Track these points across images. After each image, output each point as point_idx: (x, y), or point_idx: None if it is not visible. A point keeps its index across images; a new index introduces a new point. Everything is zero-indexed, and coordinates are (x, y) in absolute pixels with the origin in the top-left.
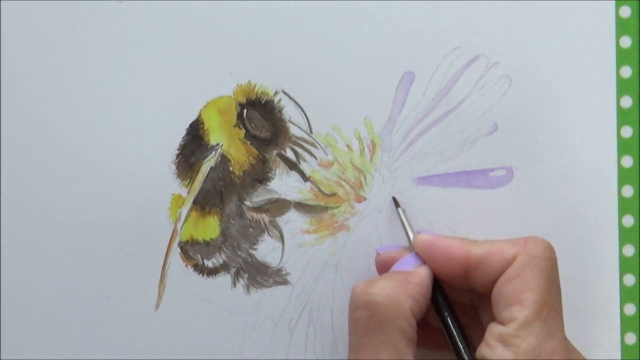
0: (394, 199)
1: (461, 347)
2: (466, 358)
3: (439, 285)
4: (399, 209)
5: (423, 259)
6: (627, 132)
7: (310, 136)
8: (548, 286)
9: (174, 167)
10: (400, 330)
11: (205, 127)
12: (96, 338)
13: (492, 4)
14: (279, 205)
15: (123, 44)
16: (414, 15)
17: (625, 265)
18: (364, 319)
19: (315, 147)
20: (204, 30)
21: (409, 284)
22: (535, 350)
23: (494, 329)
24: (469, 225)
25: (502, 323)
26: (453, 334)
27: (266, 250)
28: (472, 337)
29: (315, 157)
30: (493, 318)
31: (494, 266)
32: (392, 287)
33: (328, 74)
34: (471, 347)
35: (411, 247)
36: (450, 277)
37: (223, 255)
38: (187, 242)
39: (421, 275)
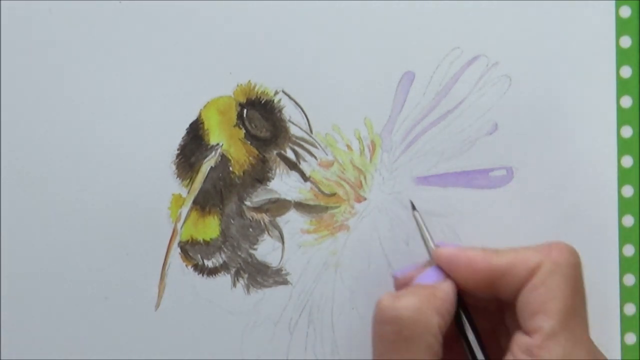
0: (411, 203)
1: None
2: None
3: (460, 300)
4: (416, 214)
5: (446, 273)
6: (627, 132)
7: (310, 136)
8: (573, 294)
9: (174, 167)
10: (428, 346)
11: (205, 127)
12: (96, 338)
13: (492, 4)
14: (279, 205)
15: (123, 44)
16: (414, 15)
17: (625, 265)
18: (391, 333)
19: (315, 147)
20: (204, 30)
21: (435, 298)
22: None
23: (520, 340)
24: (469, 225)
25: (527, 333)
26: (474, 351)
27: (266, 250)
28: (499, 341)
29: (315, 157)
30: (518, 326)
31: (519, 276)
32: (419, 302)
33: (328, 74)
34: (497, 351)
35: (432, 260)
36: (474, 289)
37: (223, 255)
38: (187, 242)
39: (446, 289)
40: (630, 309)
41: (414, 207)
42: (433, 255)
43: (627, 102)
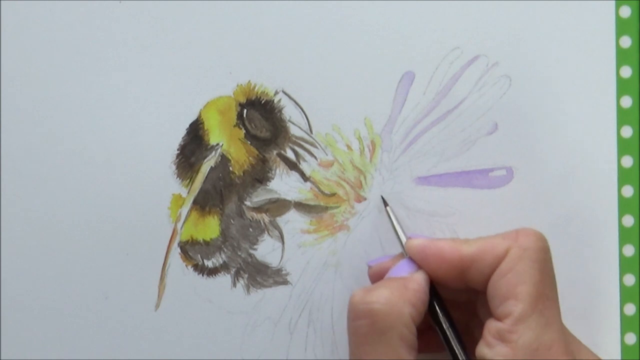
0: (383, 199)
1: (458, 354)
2: None
3: (433, 290)
4: (388, 209)
5: (417, 264)
6: (627, 132)
7: (310, 136)
8: (542, 277)
9: (174, 167)
10: (401, 338)
11: (205, 127)
12: (96, 338)
13: (492, 4)
14: (279, 205)
15: (123, 44)
16: (414, 15)
17: (625, 265)
18: (364, 327)
19: (315, 147)
20: (204, 30)
21: (407, 290)
22: (533, 344)
23: (491, 326)
24: (469, 225)
25: (498, 319)
26: (449, 338)
27: (266, 250)
28: (473, 333)
29: (315, 157)
30: (490, 314)
31: (487, 263)
32: (390, 294)
33: (328, 74)
34: (471, 344)
35: (404, 252)
36: (445, 278)
37: (223, 255)
38: (187, 242)
39: (418, 280)
40: (630, 309)
41: (385, 204)
42: (405, 246)
43: (627, 102)
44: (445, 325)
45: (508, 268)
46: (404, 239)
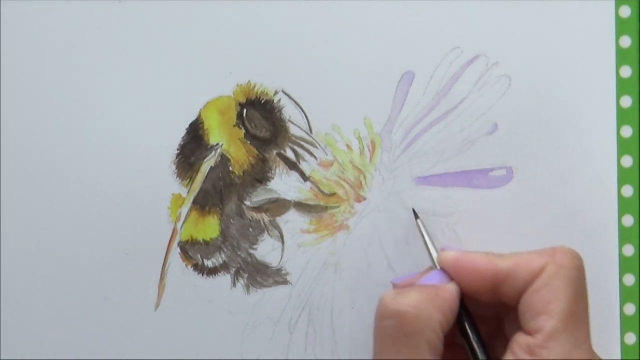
0: (414, 212)
1: None
2: None
3: (462, 304)
4: (419, 222)
5: (450, 276)
6: (627, 132)
7: (310, 136)
8: (576, 297)
9: (174, 167)
10: (428, 343)
11: (205, 127)
12: (96, 338)
13: (492, 4)
14: (279, 205)
15: (123, 44)
16: (414, 15)
17: (625, 265)
18: (392, 328)
19: (315, 147)
20: (204, 30)
21: (438, 297)
22: None
23: (520, 339)
24: (469, 225)
25: (529, 333)
26: (476, 352)
27: (266, 250)
28: (495, 348)
29: (315, 157)
30: (518, 329)
31: (523, 278)
32: (421, 299)
33: (328, 74)
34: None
35: (434, 265)
36: (477, 291)
37: (223, 255)
38: (187, 242)
39: (450, 290)
40: (630, 309)
41: (416, 216)
42: (438, 258)
43: (627, 102)
44: (473, 338)
45: (543, 284)
46: (434, 252)
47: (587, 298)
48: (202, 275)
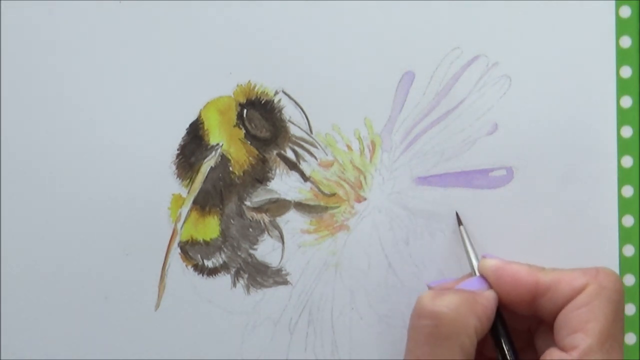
0: (457, 216)
1: None
2: None
3: (498, 313)
4: (462, 229)
5: (489, 283)
6: (627, 132)
7: (310, 136)
8: (614, 319)
9: (174, 167)
10: (461, 346)
11: (205, 127)
12: (96, 338)
13: (492, 4)
14: (279, 205)
15: (123, 44)
16: (414, 15)
17: (625, 265)
18: (428, 328)
19: (315, 147)
20: (204, 30)
21: (476, 303)
22: None
23: (554, 354)
24: (469, 225)
25: (563, 349)
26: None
27: (266, 250)
28: None
29: (315, 157)
30: (551, 345)
31: (563, 293)
32: (460, 302)
33: (328, 74)
34: None
35: (474, 272)
36: (515, 302)
37: (223, 255)
38: (187, 242)
39: (488, 297)
40: (630, 308)
41: (460, 222)
42: (479, 265)
43: (627, 102)
44: (506, 347)
45: (583, 302)
46: (474, 259)
47: (624, 322)
48: (202, 275)
